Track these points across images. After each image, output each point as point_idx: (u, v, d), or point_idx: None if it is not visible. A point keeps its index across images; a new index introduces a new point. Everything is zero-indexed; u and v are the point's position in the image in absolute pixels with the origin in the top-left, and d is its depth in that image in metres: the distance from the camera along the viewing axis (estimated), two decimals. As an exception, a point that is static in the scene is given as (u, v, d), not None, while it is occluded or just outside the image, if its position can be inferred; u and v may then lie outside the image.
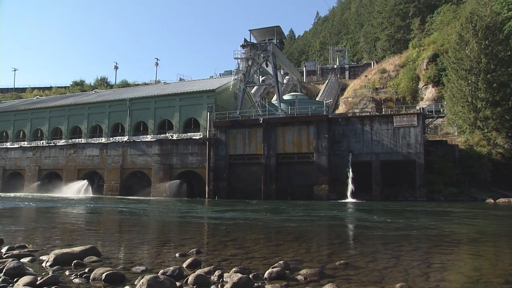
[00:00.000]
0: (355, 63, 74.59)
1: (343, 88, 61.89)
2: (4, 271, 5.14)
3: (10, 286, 4.63)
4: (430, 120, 35.70)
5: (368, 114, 35.49)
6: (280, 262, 5.95)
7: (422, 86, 47.83)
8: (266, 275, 5.35)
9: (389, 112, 35.75)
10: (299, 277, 5.39)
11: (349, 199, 29.75)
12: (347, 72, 70.75)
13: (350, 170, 30.81)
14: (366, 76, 57.31)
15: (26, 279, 4.74)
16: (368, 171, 30.74)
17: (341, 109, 51.87)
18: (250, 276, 5.18)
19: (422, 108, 34.16)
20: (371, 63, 67.59)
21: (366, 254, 7.63)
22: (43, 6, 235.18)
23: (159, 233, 11.79)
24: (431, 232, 11.34)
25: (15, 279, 4.88)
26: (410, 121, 30.43)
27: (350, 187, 30.33)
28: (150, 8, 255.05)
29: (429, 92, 46.19)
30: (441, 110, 35.79)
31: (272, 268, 5.55)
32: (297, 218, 16.14)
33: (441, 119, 38.33)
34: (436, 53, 47.38)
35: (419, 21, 62.17)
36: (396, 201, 28.34)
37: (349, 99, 53.35)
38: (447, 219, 15.64)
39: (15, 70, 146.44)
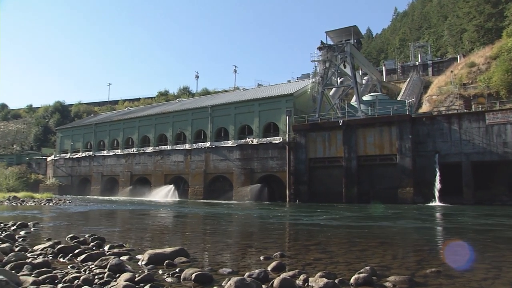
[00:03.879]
0: (438, 58, 70.13)
1: (426, 86, 58.41)
2: (108, 267, 5.67)
3: (114, 281, 5.09)
4: (531, 115, 32.23)
5: (456, 111, 33.12)
6: (366, 267, 5.76)
7: (520, 79, 43.34)
8: (352, 280, 5.21)
9: (480, 108, 33.06)
10: (387, 284, 5.16)
11: (437, 203, 27.99)
12: (430, 69, 66.87)
13: (437, 171, 28.99)
14: (451, 71, 53.46)
15: (126, 275, 5.16)
16: (457, 173, 28.60)
17: (424, 107, 48.98)
18: (336, 281, 5.08)
19: (521, 102, 31.06)
20: (457, 57, 62.97)
21: (460, 262, 7.10)
22: (129, 29, 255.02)
23: (243, 236, 12.06)
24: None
25: (117, 275, 5.35)
26: (506, 117, 27.81)
27: (438, 189, 28.53)
28: (226, 17, 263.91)
29: (528, 85, 41.73)
30: (545, 104, 32.19)
31: (358, 273, 5.38)
32: (381, 222, 15.53)
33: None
34: (537, 40, 42.72)
35: (514, 6, 56.62)
36: (492, 206, 25.99)
37: (434, 97, 50.12)
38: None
39: (109, 85, 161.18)
